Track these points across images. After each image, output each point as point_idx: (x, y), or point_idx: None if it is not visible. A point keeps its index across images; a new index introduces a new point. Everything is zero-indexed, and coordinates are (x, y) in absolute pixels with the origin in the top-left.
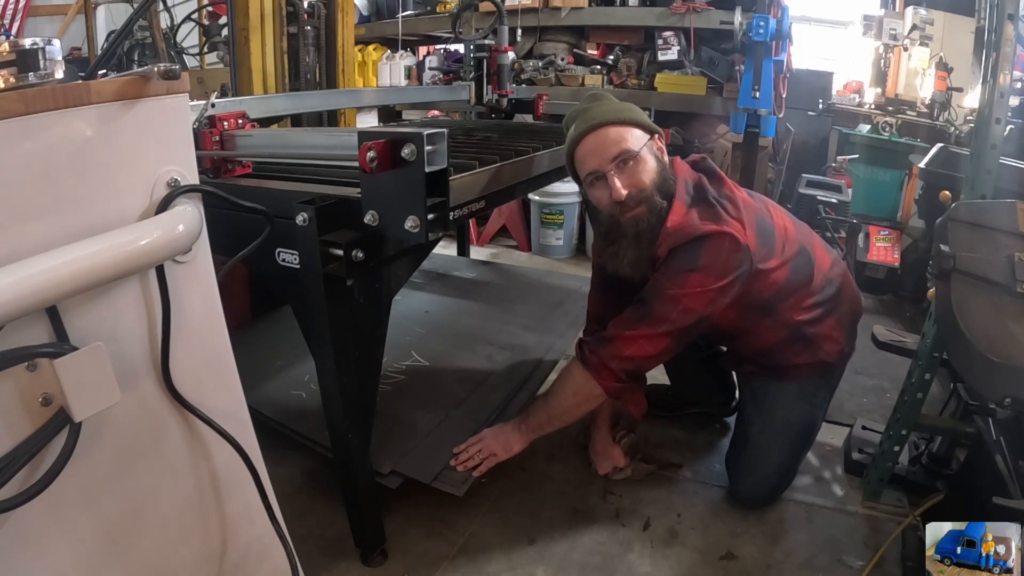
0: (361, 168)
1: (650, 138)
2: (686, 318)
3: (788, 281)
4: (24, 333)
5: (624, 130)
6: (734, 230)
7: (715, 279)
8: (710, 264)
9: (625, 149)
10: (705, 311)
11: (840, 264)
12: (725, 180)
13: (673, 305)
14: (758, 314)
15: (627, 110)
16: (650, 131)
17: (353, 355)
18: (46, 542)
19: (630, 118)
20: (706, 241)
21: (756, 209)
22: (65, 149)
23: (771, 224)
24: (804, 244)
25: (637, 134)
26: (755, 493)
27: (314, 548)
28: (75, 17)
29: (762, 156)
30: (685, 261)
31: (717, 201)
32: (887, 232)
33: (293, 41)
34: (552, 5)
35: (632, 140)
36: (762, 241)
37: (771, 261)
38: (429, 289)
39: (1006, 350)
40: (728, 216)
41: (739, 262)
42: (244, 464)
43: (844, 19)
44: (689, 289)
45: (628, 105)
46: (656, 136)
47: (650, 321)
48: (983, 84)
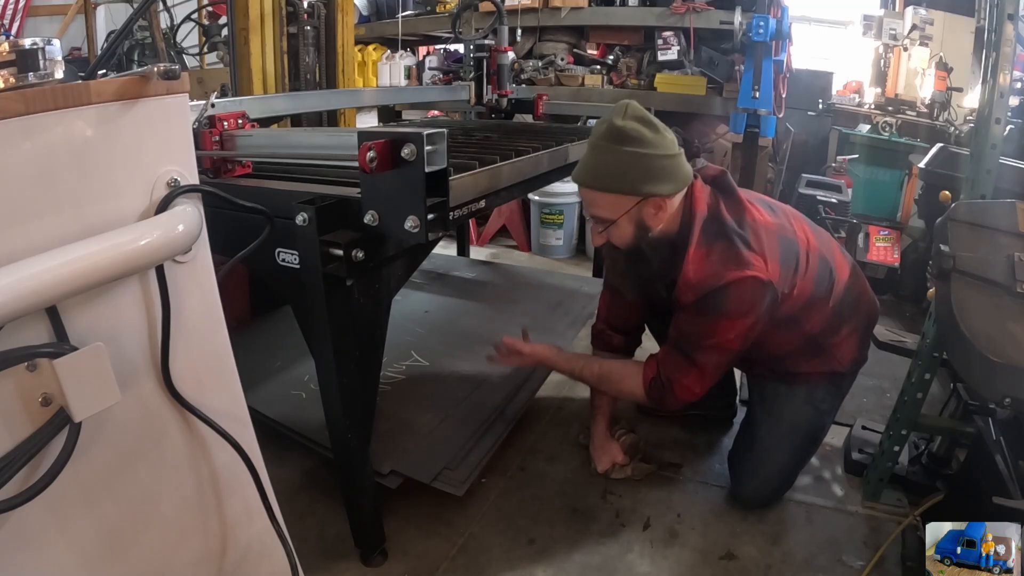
0: (361, 168)
1: (638, 202)
2: (729, 356)
3: (811, 295)
4: (24, 333)
5: (600, 196)
6: (756, 271)
7: (744, 319)
8: (737, 307)
9: (598, 216)
10: (744, 346)
11: (858, 271)
12: (744, 203)
13: (713, 352)
14: (779, 327)
15: (620, 175)
16: (641, 195)
17: (353, 355)
18: (46, 542)
19: (612, 187)
20: (730, 289)
21: (777, 229)
22: (65, 149)
23: (794, 240)
24: (825, 254)
25: (618, 200)
26: (757, 494)
27: (314, 548)
28: (75, 17)
29: (762, 156)
30: (712, 308)
31: (737, 235)
32: (887, 232)
33: (293, 41)
34: (552, 5)
35: (607, 208)
36: (785, 266)
37: (796, 283)
38: (429, 289)
39: (1006, 350)
40: (749, 252)
41: (764, 298)
42: (244, 464)
43: (844, 19)
44: (723, 336)
45: (629, 165)
46: (650, 200)
47: (698, 369)
48: (983, 84)
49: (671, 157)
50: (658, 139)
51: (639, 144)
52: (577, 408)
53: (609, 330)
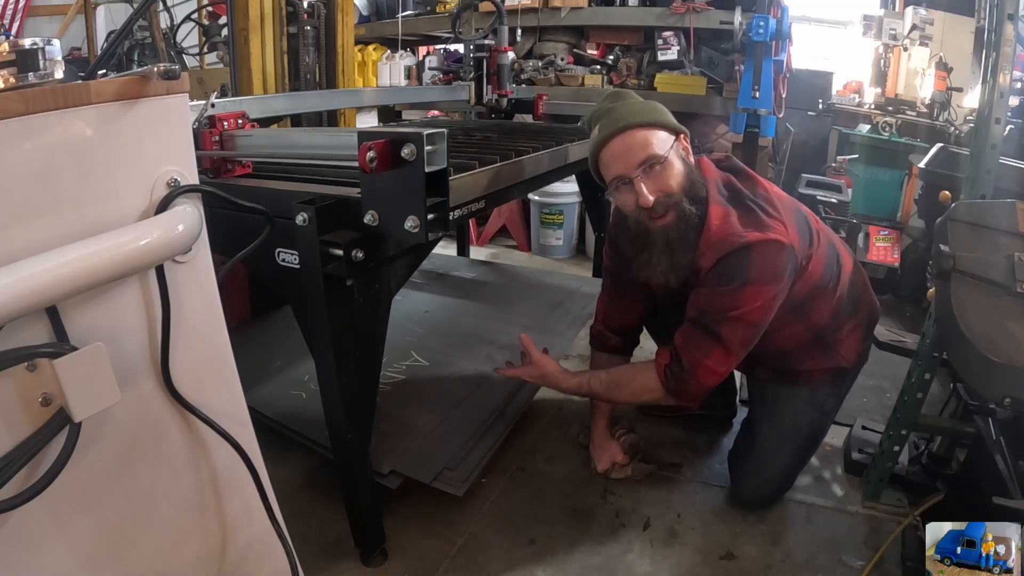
0: (361, 168)
1: (676, 139)
2: (753, 332)
3: (821, 278)
4: (24, 333)
5: (651, 133)
6: (778, 234)
7: (770, 286)
8: (762, 273)
9: (652, 154)
10: (767, 319)
11: (860, 268)
12: (756, 178)
13: (738, 324)
14: (789, 315)
15: (653, 111)
16: (675, 132)
17: (353, 355)
18: (46, 542)
19: (656, 120)
20: (752, 250)
21: (791, 203)
22: (65, 149)
23: (806, 216)
24: (832, 241)
25: (663, 136)
26: (757, 495)
27: (314, 548)
28: (75, 17)
29: (762, 156)
30: (736, 275)
31: (755, 203)
32: (887, 232)
33: (293, 41)
34: (552, 5)
35: (659, 144)
36: (802, 236)
37: (811, 256)
38: (429, 289)
39: (1006, 350)
40: (769, 219)
41: (787, 262)
42: (244, 464)
43: (844, 19)
44: (748, 306)
45: (653, 105)
46: (682, 136)
47: (723, 346)
48: (983, 84)
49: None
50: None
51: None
52: (577, 408)
53: (607, 331)
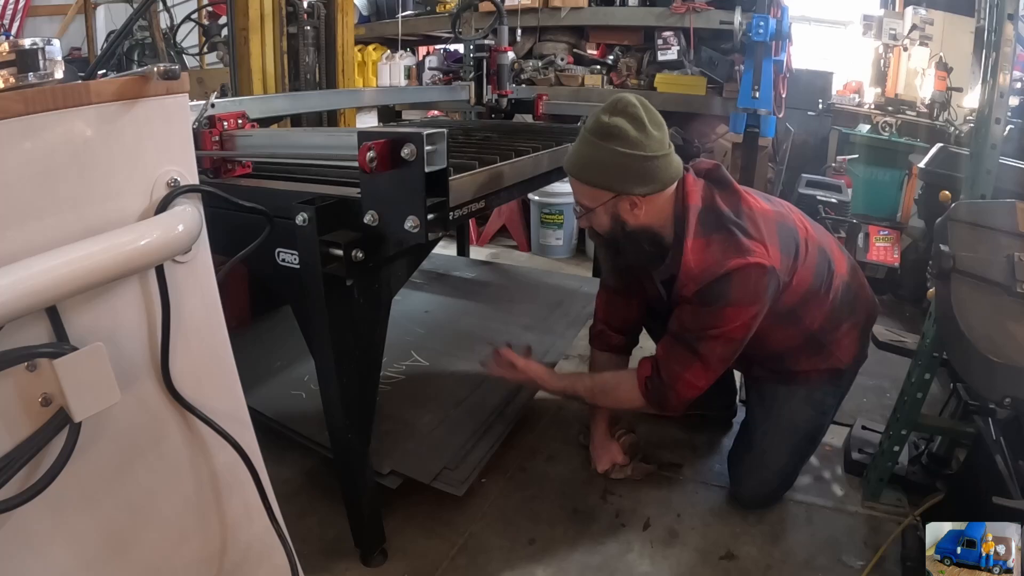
0: (361, 168)
1: (615, 197)
2: (733, 348)
3: (810, 287)
4: (24, 333)
5: (579, 184)
6: (758, 256)
7: (749, 306)
8: (743, 295)
9: (579, 202)
10: (748, 336)
11: (856, 269)
12: (740, 192)
13: (717, 342)
14: (780, 321)
15: (593, 166)
16: (617, 191)
17: (353, 355)
18: (46, 542)
19: (588, 179)
20: (732, 276)
21: (776, 217)
22: (65, 149)
23: (793, 228)
24: (823, 246)
25: (593, 192)
26: (757, 495)
27: (314, 548)
28: (75, 17)
29: (762, 156)
30: (716, 297)
31: (735, 224)
32: (887, 232)
33: (293, 41)
34: (552, 5)
35: (585, 197)
36: (786, 253)
37: (796, 270)
38: (429, 289)
39: (1006, 350)
40: (749, 240)
41: (768, 283)
42: (244, 464)
43: (844, 19)
44: (728, 325)
45: (604, 156)
46: (632, 197)
47: (702, 362)
48: (983, 84)
49: (654, 158)
50: (641, 138)
51: (621, 143)
52: (577, 408)
53: (608, 330)
